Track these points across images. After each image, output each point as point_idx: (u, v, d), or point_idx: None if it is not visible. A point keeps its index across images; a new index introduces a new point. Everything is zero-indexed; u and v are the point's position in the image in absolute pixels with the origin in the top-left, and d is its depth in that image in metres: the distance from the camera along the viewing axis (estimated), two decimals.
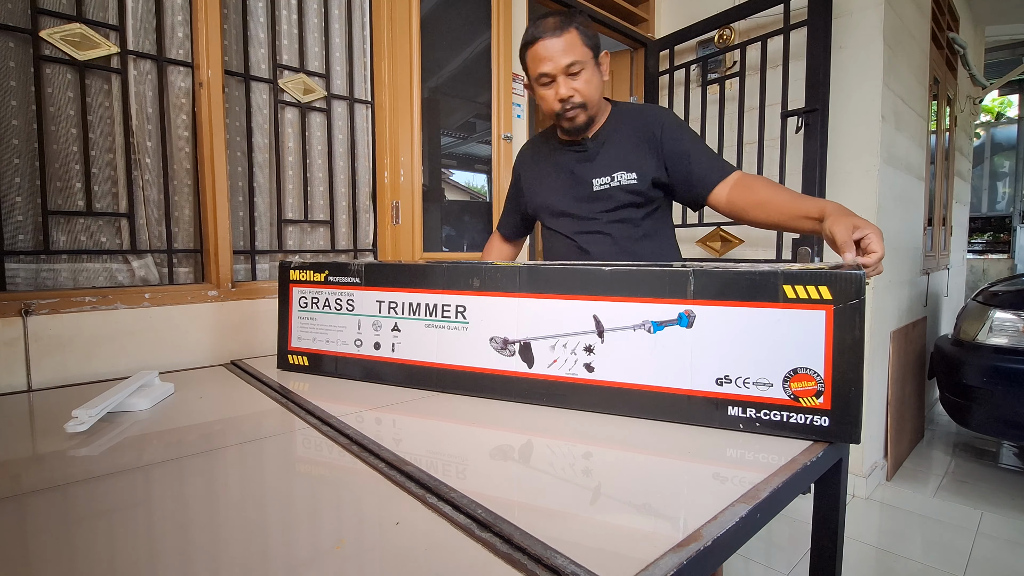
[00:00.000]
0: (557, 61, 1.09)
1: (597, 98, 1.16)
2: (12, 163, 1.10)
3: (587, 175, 1.20)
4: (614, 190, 1.18)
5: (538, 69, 1.12)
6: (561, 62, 1.09)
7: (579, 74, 1.11)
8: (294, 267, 1.06)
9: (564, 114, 1.15)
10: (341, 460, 0.66)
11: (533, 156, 1.35)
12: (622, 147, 1.19)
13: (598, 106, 1.18)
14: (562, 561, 0.43)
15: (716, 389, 0.72)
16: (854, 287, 0.65)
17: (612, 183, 1.18)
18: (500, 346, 0.86)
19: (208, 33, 1.31)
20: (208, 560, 0.45)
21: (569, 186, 1.24)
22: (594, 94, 1.14)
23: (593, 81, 1.13)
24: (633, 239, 1.21)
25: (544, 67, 1.11)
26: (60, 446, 0.71)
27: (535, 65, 1.13)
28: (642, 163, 1.17)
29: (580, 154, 1.23)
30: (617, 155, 1.18)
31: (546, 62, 1.10)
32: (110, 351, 1.15)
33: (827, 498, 0.75)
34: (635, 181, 1.16)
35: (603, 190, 1.19)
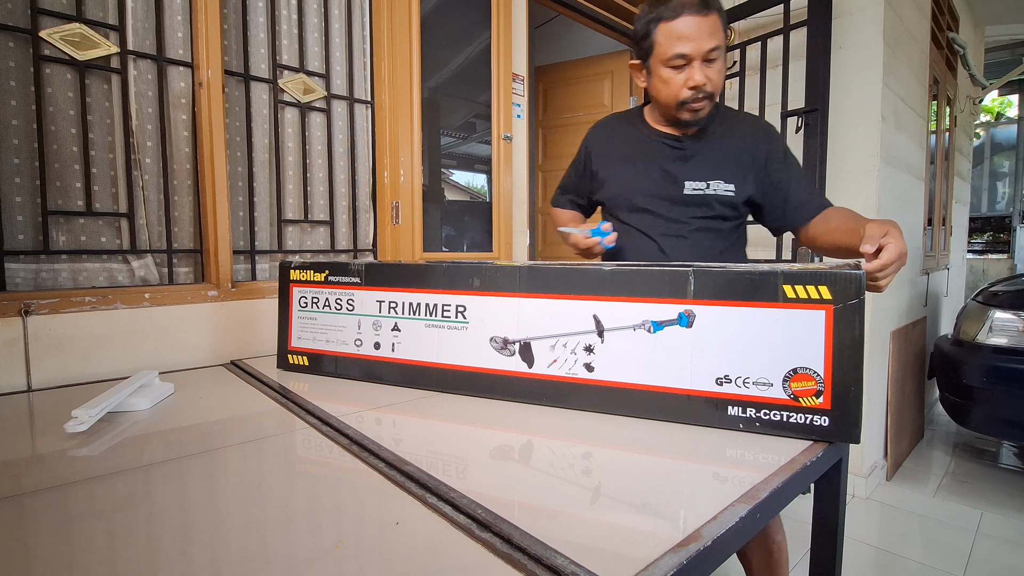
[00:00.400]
0: (700, 44, 0.97)
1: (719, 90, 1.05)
2: (12, 163, 1.10)
3: (681, 175, 1.10)
4: (708, 198, 1.09)
5: (674, 49, 0.98)
6: (704, 45, 0.97)
7: (715, 62, 1.00)
8: (294, 267, 1.06)
9: (690, 103, 1.03)
10: (341, 460, 0.66)
11: (613, 138, 1.21)
12: (724, 154, 1.10)
13: None
14: (562, 561, 0.43)
15: (716, 389, 0.72)
16: (854, 287, 0.65)
17: (707, 190, 1.09)
18: (500, 346, 0.86)
19: (208, 33, 1.31)
20: (208, 560, 0.45)
21: (657, 183, 1.13)
22: (720, 86, 1.03)
23: (723, 71, 1.03)
24: (716, 251, 1.13)
25: (682, 47, 0.97)
26: (60, 446, 0.71)
27: (670, 43, 0.98)
28: (742, 177, 1.09)
29: (675, 150, 1.12)
30: (717, 161, 1.10)
31: (686, 42, 0.97)
32: (110, 351, 1.15)
33: (827, 498, 0.75)
34: (732, 194, 1.08)
35: (695, 195, 1.10)
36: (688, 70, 1.00)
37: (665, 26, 0.99)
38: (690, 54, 0.99)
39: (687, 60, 0.99)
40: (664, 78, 1.03)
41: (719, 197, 1.09)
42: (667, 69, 1.02)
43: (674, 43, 0.98)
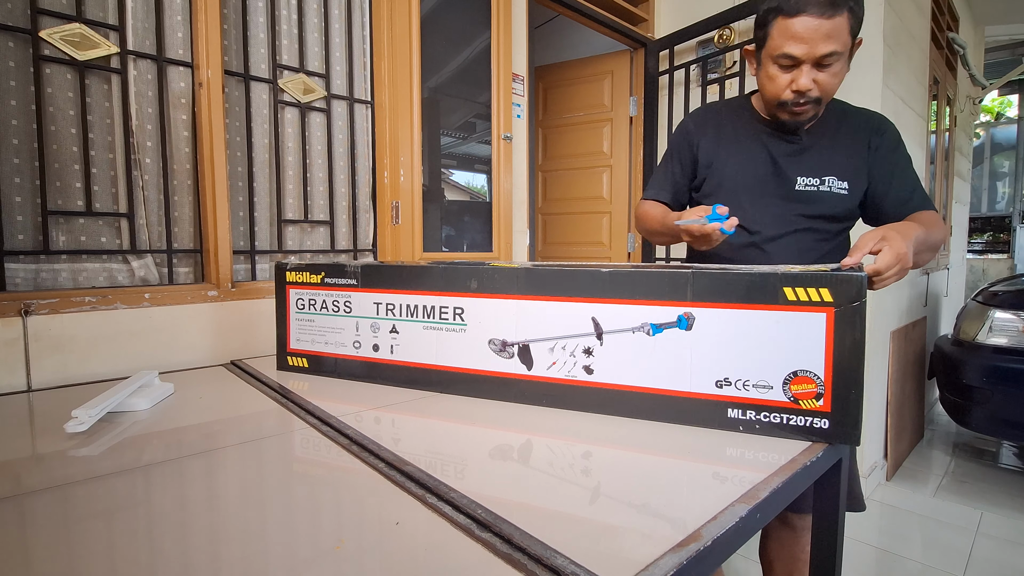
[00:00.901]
0: (814, 47, 0.91)
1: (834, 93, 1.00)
2: (12, 163, 1.10)
3: (792, 171, 1.05)
4: (822, 195, 1.04)
5: (784, 48, 0.93)
6: (818, 49, 0.91)
7: (831, 66, 0.94)
8: (290, 268, 1.06)
9: (791, 105, 0.98)
10: (341, 460, 0.66)
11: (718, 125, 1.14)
12: (838, 150, 1.05)
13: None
14: (562, 561, 0.43)
15: (716, 391, 0.72)
16: (855, 289, 0.65)
17: (821, 186, 1.03)
18: (499, 348, 0.86)
19: (208, 33, 1.31)
20: (208, 560, 0.45)
21: (766, 177, 1.07)
22: (834, 89, 0.98)
23: (840, 75, 0.97)
24: (818, 252, 1.07)
25: (793, 48, 0.92)
26: (60, 446, 0.71)
27: (782, 41, 0.93)
28: (855, 174, 1.04)
29: (789, 144, 1.06)
30: (831, 157, 1.04)
31: (799, 43, 0.91)
32: (110, 351, 1.15)
33: (827, 498, 0.75)
34: (845, 192, 1.04)
35: (808, 191, 1.04)
36: (796, 72, 0.95)
37: (782, 22, 0.92)
38: (801, 56, 0.93)
39: (796, 62, 0.94)
40: (771, 74, 0.98)
41: (833, 195, 1.03)
42: (774, 66, 0.97)
43: (786, 42, 0.92)
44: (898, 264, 0.77)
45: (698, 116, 1.19)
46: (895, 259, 0.77)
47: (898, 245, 0.77)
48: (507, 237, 2.05)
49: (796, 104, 0.97)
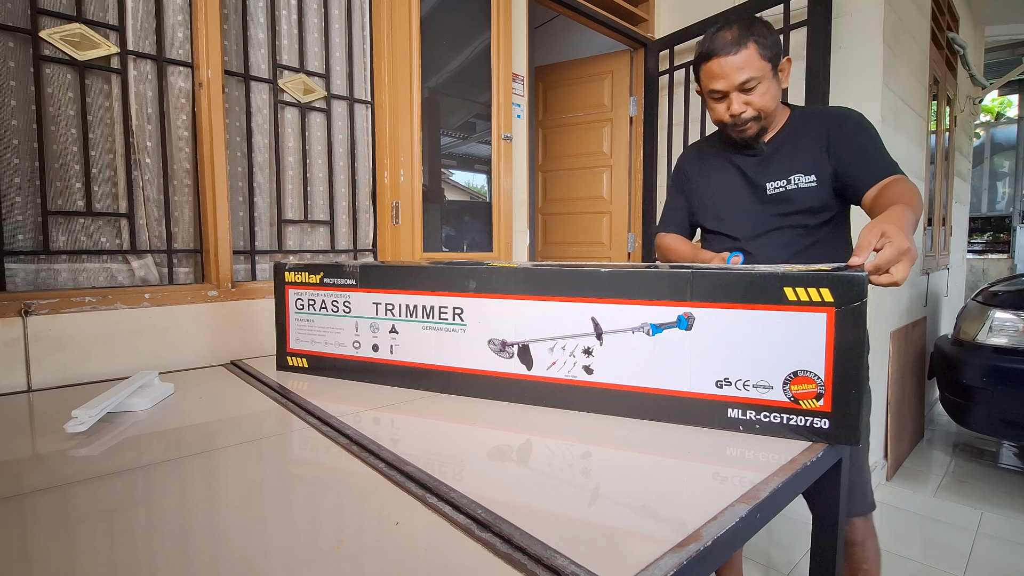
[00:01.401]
0: (731, 79, 1.08)
1: (773, 107, 1.13)
2: (12, 163, 1.10)
3: (760, 178, 1.17)
4: (791, 193, 1.13)
5: (710, 86, 1.11)
6: (735, 80, 1.08)
7: (754, 88, 1.09)
8: (289, 269, 1.06)
9: (735, 127, 1.14)
10: (341, 460, 0.66)
11: (700, 156, 1.32)
12: (800, 149, 1.15)
13: (774, 115, 1.15)
14: (562, 561, 0.43)
15: (716, 391, 0.72)
16: (856, 289, 0.65)
17: (788, 186, 1.14)
18: (499, 348, 0.86)
19: (208, 33, 1.31)
20: (208, 560, 0.45)
21: (740, 189, 1.21)
22: (769, 104, 1.11)
23: (769, 92, 1.11)
24: (798, 247, 1.15)
25: (716, 84, 1.10)
26: (60, 446, 0.71)
27: (707, 81, 1.12)
28: (821, 165, 1.12)
29: (753, 157, 1.19)
30: (794, 157, 1.14)
31: (718, 79, 1.09)
32: (110, 351, 1.15)
33: (827, 498, 0.75)
34: (814, 184, 1.12)
35: (778, 193, 1.15)
36: (727, 100, 1.11)
37: (704, 66, 1.12)
38: (723, 89, 1.10)
39: (723, 94, 1.11)
40: (711, 106, 1.16)
41: (802, 191, 1.13)
42: (711, 100, 1.15)
43: (710, 81, 1.11)
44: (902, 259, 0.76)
45: (686, 153, 1.39)
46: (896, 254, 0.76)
47: (899, 240, 0.76)
48: (507, 237, 2.05)
49: (736, 125, 1.13)
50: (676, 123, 2.72)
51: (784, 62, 1.14)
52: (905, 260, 0.76)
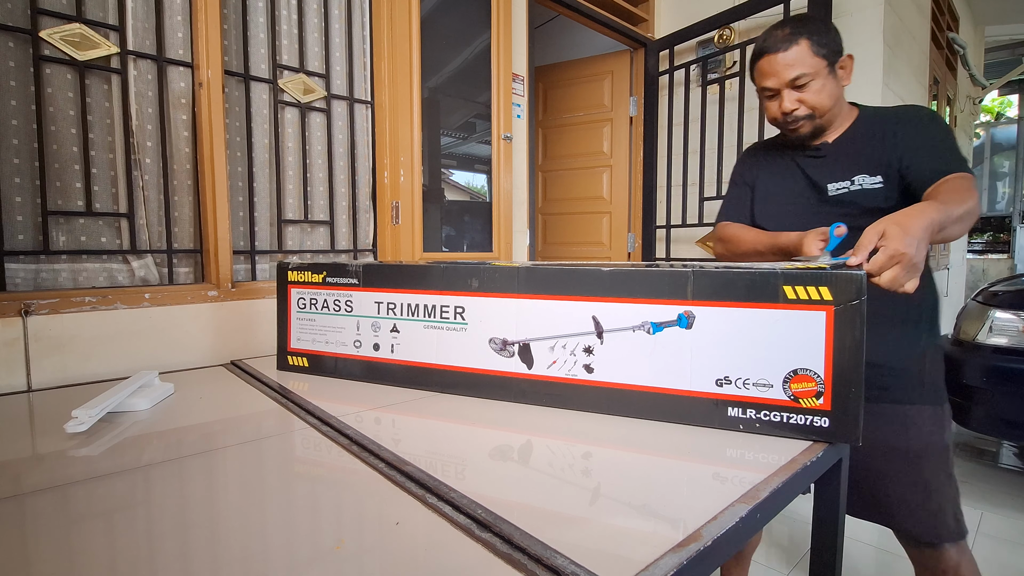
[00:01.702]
0: (781, 76, 1.07)
1: (829, 106, 1.10)
2: (12, 163, 1.10)
3: (822, 179, 1.13)
4: (854, 194, 1.09)
5: (761, 83, 1.11)
6: (784, 77, 1.07)
7: (806, 86, 1.07)
8: (292, 268, 1.06)
9: (788, 125, 1.12)
10: (341, 460, 0.66)
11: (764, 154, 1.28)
12: (865, 149, 1.10)
13: (832, 114, 1.12)
14: (562, 561, 0.43)
15: (716, 390, 0.72)
16: (855, 288, 0.65)
17: (851, 187, 1.09)
18: (499, 347, 0.86)
19: (208, 33, 1.31)
20: (208, 560, 0.45)
21: (801, 190, 1.17)
22: (824, 102, 1.09)
23: (825, 90, 1.08)
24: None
25: (767, 82, 1.10)
26: (60, 446, 0.71)
27: (759, 79, 1.12)
28: (886, 164, 1.07)
29: (815, 158, 1.16)
30: (859, 157, 1.10)
31: (769, 77, 1.09)
32: (110, 351, 1.15)
33: (827, 498, 0.75)
34: (880, 185, 1.06)
35: (840, 195, 1.10)
36: (778, 99, 1.11)
37: (756, 65, 1.12)
38: (775, 86, 1.09)
39: (775, 92, 1.11)
40: (765, 105, 1.16)
41: (866, 192, 1.08)
42: (764, 99, 1.15)
43: (761, 79, 1.11)
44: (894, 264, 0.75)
45: (751, 148, 1.36)
46: (888, 260, 0.74)
47: (895, 244, 0.74)
48: (507, 237, 2.05)
49: (789, 124, 1.12)
50: (676, 123, 2.72)
51: (845, 59, 1.11)
52: (897, 266, 0.74)
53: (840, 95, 1.12)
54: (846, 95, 1.17)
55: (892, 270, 0.75)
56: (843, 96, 1.14)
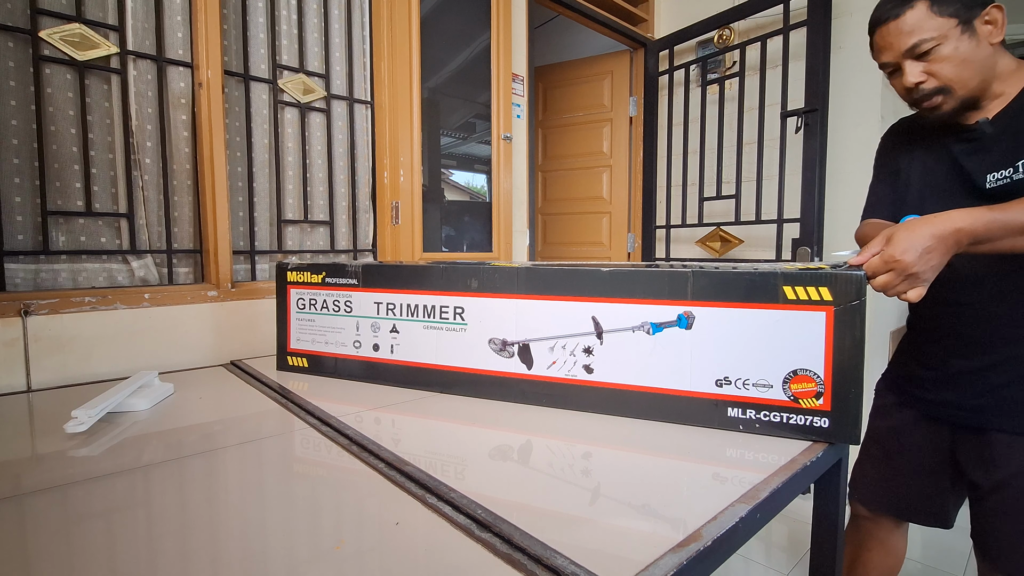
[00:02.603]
0: (895, 47, 0.91)
1: (968, 74, 0.89)
2: (11, 163, 1.10)
3: (980, 170, 0.92)
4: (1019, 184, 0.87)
5: (878, 60, 0.96)
6: (900, 46, 0.90)
7: (931, 52, 0.89)
8: (291, 268, 1.06)
9: (919, 103, 0.94)
10: (341, 460, 0.66)
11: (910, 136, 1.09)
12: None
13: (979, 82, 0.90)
14: (562, 561, 0.43)
15: (716, 390, 0.72)
16: (855, 288, 0.65)
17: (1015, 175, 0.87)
18: (499, 347, 0.86)
19: (208, 33, 1.31)
20: (208, 560, 0.45)
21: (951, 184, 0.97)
22: (959, 71, 0.89)
23: (958, 55, 0.88)
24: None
25: (883, 57, 0.94)
26: (60, 446, 0.71)
27: (876, 55, 0.96)
28: None
29: (968, 142, 0.95)
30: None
31: (883, 52, 0.94)
32: (110, 351, 1.15)
33: (827, 498, 0.75)
34: None
35: (1001, 186, 0.89)
36: (900, 74, 0.94)
37: (871, 42, 0.97)
38: (892, 60, 0.94)
39: (894, 66, 0.95)
40: (891, 84, 0.99)
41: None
42: (888, 77, 0.99)
43: (877, 55, 0.97)
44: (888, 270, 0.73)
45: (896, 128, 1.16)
46: (882, 264, 0.72)
47: (892, 249, 0.72)
48: (507, 237, 2.05)
49: (919, 101, 0.94)
50: (676, 123, 2.72)
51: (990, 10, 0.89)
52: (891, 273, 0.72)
53: (986, 58, 0.90)
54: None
55: (885, 276, 0.73)
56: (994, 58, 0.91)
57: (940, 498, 1.08)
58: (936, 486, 1.07)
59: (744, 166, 2.40)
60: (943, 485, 1.07)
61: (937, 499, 1.08)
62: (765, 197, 2.32)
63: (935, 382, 1.03)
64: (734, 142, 2.41)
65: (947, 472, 1.05)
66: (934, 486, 1.07)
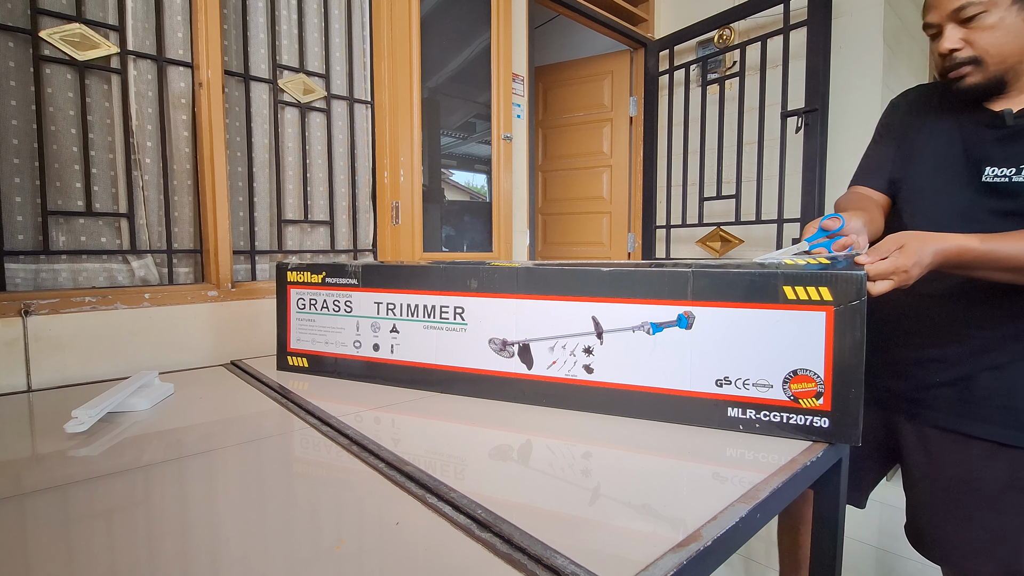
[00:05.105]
0: (942, 6, 0.86)
1: (1012, 51, 0.84)
2: (12, 163, 1.10)
3: (984, 157, 0.89)
4: (1017, 186, 0.85)
5: (925, 18, 0.90)
6: (947, 7, 0.85)
7: (975, 18, 0.83)
8: (291, 268, 1.06)
9: (948, 72, 0.89)
10: (341, 460, 0.66)
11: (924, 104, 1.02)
12: None
13: (1012, 61, 0.85)
14: (562, 561, 0.43)
15: (716, 390, 0.72)
16: (855, 288, 0.65)
17: (1016, 176, 0.85)
18: (499, 347, 0.86)
19: (208, 33, 1.31)
20: (208, 560, 0.45)
21: (951, 164, 0.93)
22: (1001, 45, 0.84)
23: (1003, 27, 0.83)
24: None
25: (929, 16, 0.89)
26: (60, 446, 0.71)
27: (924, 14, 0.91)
28: None
29: (990, 128, 0.90)
30: None
31: (931, 10, 0.88)
32: (110, 351, 1.15)
33: (827, 498, 0.75)
34: None
35: (998, 183, 0.87)
36: (941, 39, 0.89)
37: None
38: (936, 21, 0.88)
39: (937, 28, 0.89)
40: (932, 50, 0.93)
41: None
42: (931, 42, 0.93)
43: (924, 13, 0.90)
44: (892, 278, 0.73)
45: (910, 92, 1.09)
46: (890, 269, 0.73)
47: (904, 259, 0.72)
48: (507, 237, 2.05)
49: (949, 70, 0.89)
50: (676, 123, 2.72)
51: None
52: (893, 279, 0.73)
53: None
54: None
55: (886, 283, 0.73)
56: None
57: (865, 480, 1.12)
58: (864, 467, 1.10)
59: (744, 166, 2.40)
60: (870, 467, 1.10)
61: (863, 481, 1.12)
62: (765, 197, 2.33)
63: (880, 367, 1.03)
64: (734, 142, 2.41)
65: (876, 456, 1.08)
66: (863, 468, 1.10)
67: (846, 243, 0.81)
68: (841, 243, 0.82)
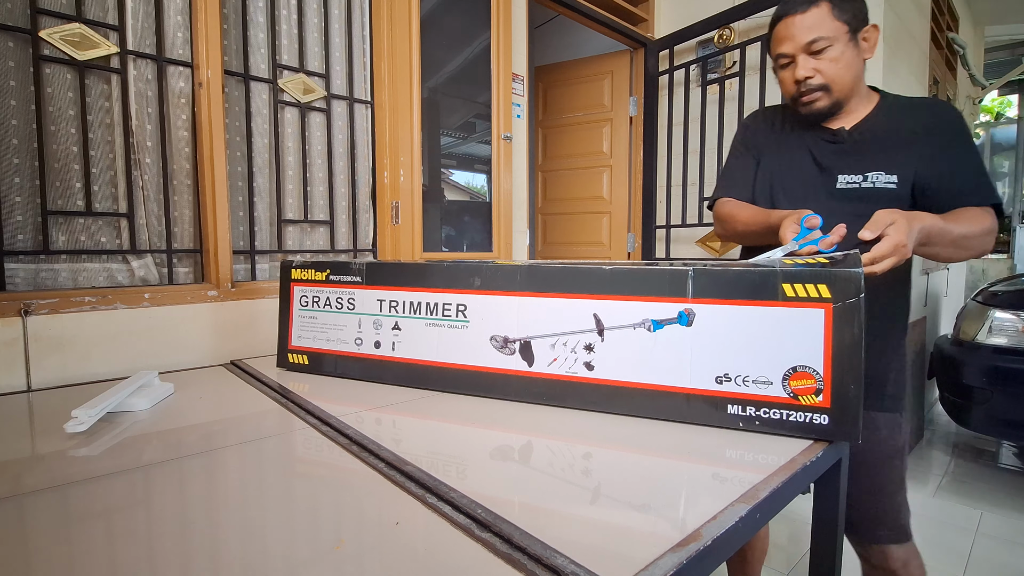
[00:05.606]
0: (797, 40, 0.99)
1: (848, 80, 1.01)
2: (11, 163, 1.10)
3: (835, 168, 1.04)
4: (865, 192, 1.01)
5: (777, 50, 1.03)
6: (800, 40, 0.98)
7: (824, 51, 0.98)
8: (296, 266, 1.07)
9: (800, 97, 1.03)
10: (341, 460, 0.66)
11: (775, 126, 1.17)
12: (885, 144, 1.02)
13: (850, 90, 1.02)
14: (562, 561, 0.43)
15: (716, 388, 0.72)
16: (853, 285, 0.65)
17: (863, 183, 1.01)
18: (500, 345, 0.86)
19: (208, 33, 1.31)
20: (208, 560, 0.45)
21: (808, 175, 1.08)
22: (843, 75, 1.00)
23: (843, 60, 0.99)
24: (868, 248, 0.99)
25: (782, 47, 1.01)
26: (60, 446, 0.71)
27: (775, 46, 1.03)
28: (905, 166, 0.99)
29: (831, 144, 1.06)
30: (877, 152, 1.02)
31: (785, 42, 1.01)
32: (110, 351, 1.15)
33: (827, 498, 0.75)
34: (893, 186, 0.99)
35: (850, 189, 1.02)
36: (792, 67, 1.02)
37: (774, 31, 1.04)
38: (790, 52, 1.01)
39: (790, 58, 1.02)
40: (781, 78, 1.07)
41: (878, 191, 1.00)
42: (780, 70, 1.06)
43: (777, 45, 1.03)
44: (894, 255, 0.80)
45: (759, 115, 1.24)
46: (891, 249, 0.79)
47: (899, 235, 0.79)
48: (507, 237, 2.05)
49: (802, 95, 1.03)
50: (676, 123, 2.72)
51: (869, 29, 1.01)
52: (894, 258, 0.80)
53: (860, 70, 1.03)
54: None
55: (889, 260, 0.79)
56: (863, 73, 1.05)
57: None
58: None
59: None
60: None
61: None
62: None
63: None
64: None
65: None
66: None
67: (834, 240, 0.86)
68: (830, 241, 0.86)
